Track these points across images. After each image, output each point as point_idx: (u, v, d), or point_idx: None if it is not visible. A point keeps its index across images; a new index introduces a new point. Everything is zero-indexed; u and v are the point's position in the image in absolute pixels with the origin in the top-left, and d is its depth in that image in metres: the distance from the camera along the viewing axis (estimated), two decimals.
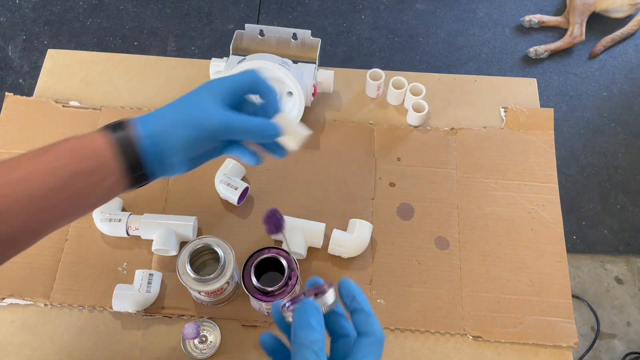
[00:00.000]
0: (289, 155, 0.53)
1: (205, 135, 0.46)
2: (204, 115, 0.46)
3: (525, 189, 0.73)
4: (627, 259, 1.47)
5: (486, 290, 0.67)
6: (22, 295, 0.65)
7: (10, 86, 1.65)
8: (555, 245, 0.70)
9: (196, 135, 0.46)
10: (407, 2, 1.84)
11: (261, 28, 0.75)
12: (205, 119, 0.46)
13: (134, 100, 0.79)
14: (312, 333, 0.36)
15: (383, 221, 0.71)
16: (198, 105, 0.47)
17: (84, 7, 1.79)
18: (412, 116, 0.77)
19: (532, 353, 0.64)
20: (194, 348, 0.63)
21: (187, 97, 0.48)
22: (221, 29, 1.76)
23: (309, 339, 0.36)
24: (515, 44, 1.77)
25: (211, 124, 0.46)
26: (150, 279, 0.64)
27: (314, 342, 0.36)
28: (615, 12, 1.78)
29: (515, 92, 0.81)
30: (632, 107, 1.67)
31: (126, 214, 0.68)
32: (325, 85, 0.76)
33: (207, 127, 0.46)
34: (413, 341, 0.65)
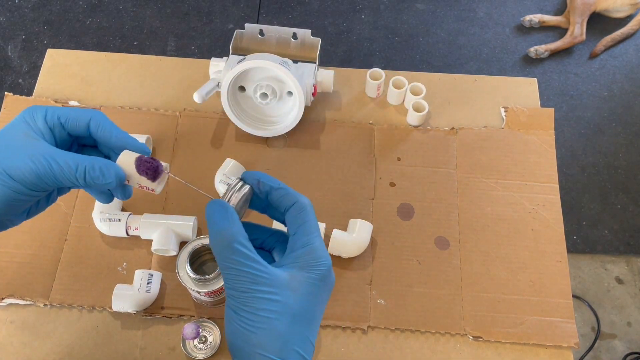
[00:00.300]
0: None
1: (21, 190, 0.40)
2: (12, 162, 0.39)
3: (525, 189, 0.73)
4: (628, 259, 1.46)
5: (486, 290, 0.67)
6: (22, 295, 0.65)
7: (10, 86, 1.65)
8: (555, 245, 0.70)
9: (8, 192, 0.39)
10: (407, 2, 1.84)
11: (261, 28, 0.75)
12: (14, 169, 0.39)
13: (134, 100, 0.79)
14: (216, 225, 0.37)
15: (383, 221, 0.71)
16: (7, 149, 0.40)
17: (84, 7, 1.79)
18: (412, 116, 0.77)
19: (532, 353, 0.64)
20: (193, 348, 0.63)
21: (8, 137, 0.41)
22: (221, 28, 1.76)
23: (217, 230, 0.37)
24: (516, 43, 1.77)
25: (21, 175, 0.39)
26: (149, 279, 0.64)
27: (219, 232, 0.37)
28: (615, 12, 1.77)
29: (516, 92, 0.81)
30: (632, 107, 1.67)
31: (126, 213, 0.68)
32: (325, 85, 0.76)
33: (18, 178, 0.39)
34: (413, 341, 0.65)
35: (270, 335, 0.36)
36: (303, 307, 0.37)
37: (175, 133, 0.76)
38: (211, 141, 0.76)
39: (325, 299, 0.39)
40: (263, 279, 0.36)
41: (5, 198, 0.40)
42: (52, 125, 0.43)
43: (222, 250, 0.37)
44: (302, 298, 0.37)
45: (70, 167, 0.40)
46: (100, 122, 0.44)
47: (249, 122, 0.75)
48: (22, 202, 0.41)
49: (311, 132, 0.77)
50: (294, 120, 0.73)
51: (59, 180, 0.40)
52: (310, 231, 0.39)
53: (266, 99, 0.71)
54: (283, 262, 0.39)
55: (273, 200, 0.41)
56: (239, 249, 0.36)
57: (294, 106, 0.73)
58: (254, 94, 0.72)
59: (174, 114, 0.78)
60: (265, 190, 0.41)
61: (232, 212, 0.38)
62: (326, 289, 0.39)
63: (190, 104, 0.79)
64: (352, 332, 0.65)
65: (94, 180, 0.41)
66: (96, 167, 0.41)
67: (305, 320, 0.37)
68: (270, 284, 0.36)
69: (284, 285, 0.37)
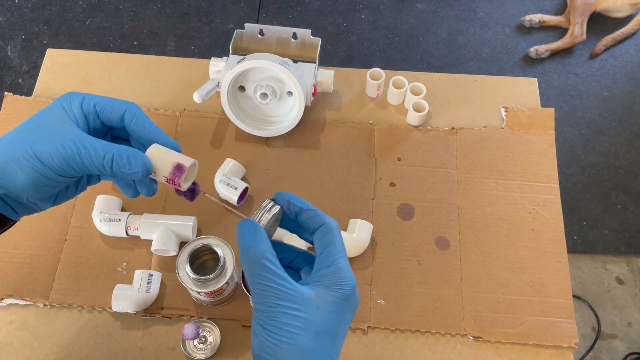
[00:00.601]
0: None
1: (49, 174, 0.40)
2: (43, 146, 0.40)
3: (525, 189, 0.73)
4: (628, 259, 1.46)
5: (487, 290, 0.67)
6: (22, 295, 0.65)
7: (10, 86, 1.65)
8: (555, 245, 0.70)
9: (36, 176, 0.40)
10: (407, 2, 1.84)
11: (261, 27, 0.75)
12: (43, 152, 0.39)
13: (134, 100, 0.78)
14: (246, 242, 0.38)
15: (383, 221, 0.71)
16: (39, 131, 0.41)
17: (84, 7, 1.79)
18: (412, 116, 0.77)
19: (532, 353, 0.64)
20: (193, 348, 0.63)
21: (31, 120, 0.42)
22: (221, 28, 1.76)
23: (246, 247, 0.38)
24: (516, 43, 1.77)
25: (49, 159, 0.40)
26: (149, 279, 0.64)
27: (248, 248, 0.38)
28: (616, 12, 1.77)
29: (516, 92, 0.81)
30: (633, 107, 1.67)
31: (125, 214, 0.68)
32: (325, 85, 0.76)
33: (46, 162, 0.40)
34: (413, 342, 0.64)
35: (294, 350, 0.36)
36: (327, 325, 0.38)
37: (175, 133, 0.76)
38: (211, 141, 0.76)
39: (349, 318, 0.40)
40: (289, 295, 0.37)
41: (33, 181, 0.40)
42: (87, 113, 0.43)
43: (251, 266, 0.38)
44: (327, 316, 0.38)
45: (98, 154, 0.40)
46: (135, 114, 0.44)
47: (249, 122, 0.75)
48: (49, 186, 0.41)
49: (311, 132, 0.77)
50: (294, 120, 0.73)
51: (86, 167, 0.41)
52: (335, 252, 0.40)
53: (266, 99, 0.71)
54: (309, 281, 0.40)
55: (302, 221, 0.42)
56: (267, 265, 0.38)
57: (294, 106, 0.73)
58: (254, 94, 0.72)
59: (174, 114, 0.78)
60: (295, 211, 0.42)
61: (262, 231, 0.40)
62: (350, 309, 0.40)
63: (190, 104, 0.79)
64: (352, 332, 0.65)
65: (120, 169, 0.41)
66: (124, 155, 0.41)
67: (329, 338, 0.38)
68: (296, 300, 0.37)
69: (309, 302, 0.38)
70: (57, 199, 0.45)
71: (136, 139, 0.46)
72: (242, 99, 0.75)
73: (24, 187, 0.40)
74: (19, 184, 0.40)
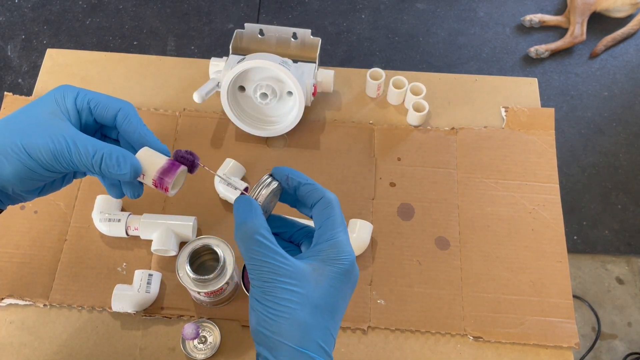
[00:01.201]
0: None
1: (36, 168, 0.40)
2: (32, 139, 0.39)
3: (525, 189, 0.73)
4: (628, 259, 1.46)
5: (487, 290, 0.67)
6: (22, 295, 0.65)
7: (10, 86, 1.65)
8: (556, 245, 0.70)
9: (23, 169, 0.39)
10: (407, 2, 1.84)
11: (261, 27, 0.75)
12: (32, 146, 0.39)
13: (134, 100, 0.79)
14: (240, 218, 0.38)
15: (383, 221, 0.71)
16: (30, 123, 0.40)
17: (83, 7, 1.79)
18: (412, 116, 0.77)
19: (532, 353, 0.64)
20: (193, 348, 0.63)
21: (22, 111, 0.41)
22: (221, 28, 1.76)
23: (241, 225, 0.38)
24: (516, 43, 1.77)
25: (38, 153, 0.39)
26: (149, 279, 0.64)
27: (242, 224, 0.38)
28: (616, 12, 1.77)
29: (516, 92, 0.81)
30: (633, 107, 1.67)
31: (125, 214, 0.68)
32: (325, 85, 0.76)
33: (34, 155, 0.39)
34: (413, 342, 0.64)
35: (291, 325, 0.36)
36: (324, 299, 0.38)
37: (175, 133, 0.76)
38: (211, 141, 0.76)
39: (347, 293, 0.40)
40: (285, 270, 0.37)
41: (19, 174, 0.40)
42: (81, 108, 0.43)
43: (246, 242, 0.38)
44: (324, 290, 0.38)
45: (88, 152, 0.40)
46: (128, 113, 0.44)
47: (249, 122, 0.75)
48: (35, 180, 0.41)
49: (311, 132, 0.77)
50: (294, 120, 0.73)
51: (75, 164, 0.40)
52: (334, 226, 0.40)
53: (266, 99, 0.71)
54: (307, 255, 0.40)
55: (301, 195, 0.42)
56: (261, 240, 0.37)
57: (294, 106, 0.73)
58: (254, 94, 0.72)
59: (174, 113, 0.78)
60: (294, 186, 0.42)
61: (257, 207, 0.39)
62: (349, 283, 0.40)
63: (190, 104, 0.79)
64: (352, 332, 0.65)
65: (108, 169, 0.41)
66: (113, 156, 0.41)
67: (327, 312, 0.38)
68: (292, 275, 0.37)
69: (306, 277, 0.38)
70: (43, 191, 0.45)
71: (126, 140, 0.45)
72: (242, 99, 0.75)
73: (9, 179, 0.40)
74: (5, 176, 0.40)
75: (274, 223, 0.44)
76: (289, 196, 0.43)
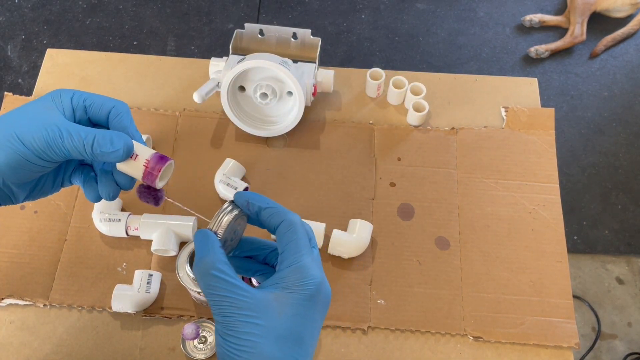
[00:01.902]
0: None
1: (29, 156, 0.40)
2: (26, 129, 0.40)
3: (526, 189, 0.73)
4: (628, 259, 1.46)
5: (487, 290, 0.67)
6: (21, 295, 0.65)
7: (10, 86, 1.65)
8: (556, 245, 0.70)
9: (16, 157, 0.39)
10: (407, 2, 1.84)
11: (261, 27, 0.75)
12: (26, 135, 0.39)
13: (134, 100, 0.79)
14: (199, 255, 0.38)
15: (383, 221, 0.71)
16: (24, 116, 0.41)
17: (83, 7, 1.79)
18: (412, 116, 0.77)
19: (532, 353, 0.64)
20: (193, 349, 0.63)
21: (19, 108, 0.42)
22: (221, 28, 1.76)
23: (199, 262, 0.38)
24: (516, 43, 1.77)
25: (32, 140, 0.39)
26: (149, 279, 0.64)
27: (199, 260, 0.38)
28: (616, 12, 1.77)
29: (516, 92, 0.81)
30: (633, 107, 1.67)
31: (125, 214, 0.68)
32: (325, 85, 0.76)
33: (28, 143, 0.39)
34: (413, 342, 0.64)
35: (256, 359, 0.35)
36: (289, 329, 0.37)
37: (175, 133, 0.76)
38: (211, 141, 0.76)
39: (317, 317, 0.39)
40: (244, 303, 0.36)
41: (11, 162, 0.40)
42: (76, 107, 0.44)
43: (202, 277, 0.38)
44: (288, 320, 0.37)
45: (80, 136, 0.40)
46: (120, 112, 0.44)
47: (249, 122, 0.75)
48: (27, 170, 0.41)
49: (311, 132, 0.77)
50: (294, 120, 0.73)
51: (67, 150, 0.40)
52: (297, 249, 0.39)
53: (266, 99, 0.71)
54: (269, 283, 0.39)
55: (263, 220, 0.41)
56: (217, 275, 0.37)
57: (294, 106, 0.73)
58: (254, 94, 0.72)
59: (174, 114, 0.78)
60: (255, 211, 0.41)
61: (213, 240, 0.39)
62: (317, 308, 0.38)
63: (190, 104, 0.79)
64: (352, 332, 0.65)
65: (101, 149, 0.40)
66: (107, 136, 0.41)
67: (294, 342, 0.37)
68: (252, 307, 0.36)
69: (267, 307, 0.37)
70: (34, 192, 0.45)
71: None
72: (242, 99, 0.75)
73: (1, 168, 0.40)
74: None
75: (246, 247, 0.43)
76: (254, 221, 0.42)
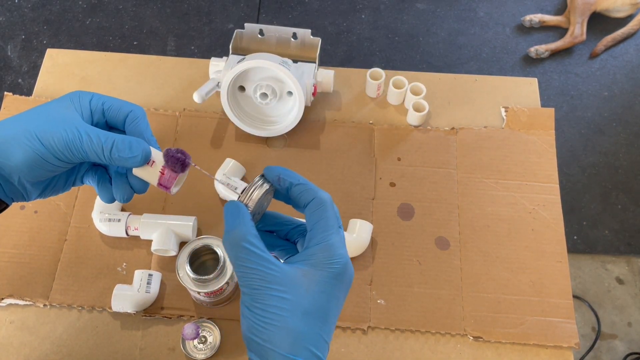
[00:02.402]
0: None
1: (47, 156, 0.40)
2: (46, 128, 0.40)
3: (525, 189, 0.73)
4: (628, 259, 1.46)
5: (487, 290, 0.67)
6: (22, 295, 0.65)
7: (10, 86, 1.65)
8: (556, 245, 0.70)
9: (34, 156, 0.40)
10: (407, 2, 1.84)
11: (261, 27, 0.75)
12: (46, 134, 0.40)
13: (134, 100, 0.79)
14: (228, 226, 0.38)
15: (383, 221, 0.71)
16: (44, 116, 0.41)
17: (83, 7, 1.79)
18: (412, 116, 0.77)
19: (532, 353, 0.64)
20: (193, 348, 0.63)
21: (37, 108, 0.42)
22: (221, 28, 1.76)
23: (229, 233, 0.38)
24: (516, 43, 1.77)
25: (51, 141, 0.40)
26: (149, 279, 0.64)
27: (229, 232, 0.38)
28: (616, 12, 1.77)
29: (516, 92, 0.81)
30: (633, 107, 1.67)
31: (125, 214, 0.68)
32: (325, 85, 0.76)
33: (47, 143, 0.40)
34: (413, 342, 0.64)
35: (281, 332, 0.36)
36: (315, 305, 0.37)
37: (175, 133, 0.76)
38: (211, 141, 0.76)
39: (341, 296, 0.39)
40: (273, 276, 0.37)
41: (29, 161, 0.40)
42: (94, 109, 0.44)
43: (232, 249, 0.38)
44: (315, 296, 0.37)
45: (100, 139, 0.41)
46: (137, 116, 0.45)
47: (249, 122, 0.75)
48: (44, 170, 0.41)
49: (311, 132, 0.77)
50: (294, 120, 0.73)
51: (85, 152, 0.41)
52: (326, 228, 0.39)
53: (266, 99, 0.71)
54: (297, 259, 0.39)
55: (293, 196, 0.41)
56: (248, 247, 0.37)
57: (294, 106, 0.73)
58: (254, 94, 0.72)
59: (174, 113, 0.78)
60: (286, 187, 0.41)
61: (245, 213, 0.39)
62: (342, 287, 0.39)
63: (190, 104, 0.79)
64: (352, 332, 0.65)
65: (120, 154, 0.41)
66: (126, 141, 0.41)
67: (319, 319, 0.37)
68: (281, 282, 0.37)
69: (295, 283, 0.37)
70: (46, 190, 0.45)
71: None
72: (242, 99, 0.75)
73: (18, 166, 0.40)
74: (15, 162, 0.40)
75: (269, 221, 0.44)
76: (282, 196, 0.43)
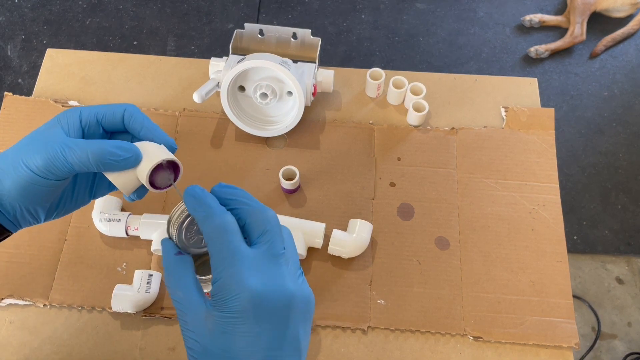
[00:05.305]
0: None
1: (32, 178, 0.40)
2: (29, 151, 0.40)
3: (525, 189, 0.73)
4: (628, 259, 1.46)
5: (487, 290, 0.67)
6: (21, 295, 0.65)
7: (10, 86, 1.65)
8: (555, 245, 0.70)
9: (21, 180, 0.40)
10: (407, 2, 1.84)
11: (261, 27, 0.75)
12: (29, 157, 0.40)
13: (133, 100, 0.79)
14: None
15: (383, 221, 0.71)
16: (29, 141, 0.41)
17: (83, 7, 1.79)
18: (412, 116, 0.77)
19: (532, 353, 0.64)
20: None
21: (26, 136, 0.42)
22: (221, 28, 1.76)
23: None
24: (516, 43, 1.77)
25: (35, 162, 0.40)
26: (149, 279, 0.64)
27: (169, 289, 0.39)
28: (616, 12, 1.77)
29: (516, 92, 0.81)
30: (632, 107, 1.67)
31: (125, 214, 0.68)
32: (325, 85, 0.76)
33: (31, 166, 0.40)
34: (413, 342, 0.64)
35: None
36: (217, 348, 0.36)
37: (175, 133, 0.76)
38: (211, 141, 0.76)
39: (253, 332, 0.35)
40: (185, 322, 0.37)
41: (18, 186, 0.40)
42: (87, 123, 0.44)
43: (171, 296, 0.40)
44: (216, 338, 0.36)
45: (82, 148, 0.40)
46: (132, 112, 0.44)
47: (249, 122, 0.75)
48: (36, 192, 0.41)
49: (311, 132, 0.77)
50: (294, 120, 0.73)
51: (71, 164, 0.40)
52: (216, 264, 0.37)
53: (266, 99, 0.71)
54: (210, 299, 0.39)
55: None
56: (175, 299, 0.39)
57: (294, 106, 0.73)
58: (253, 94, 0.72)
59: (174, 113, 0.78)
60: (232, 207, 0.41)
61: (188, 262, 0.42)
62: (251, 321, 0.35)
63: (190, 104, 0.79)
64: (352, 332, 0.65)
65: (107, 157, 0.40)
66: (111, 144, 0.41)
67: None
68: (191, 325, 0.37)
69: (201, 325, 0.37)
70: (57, 210, 0.45)
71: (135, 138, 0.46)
72: (242, 99, 0.75)
73: (10, 193, 0.40)
74: (6, 190, 0.40)
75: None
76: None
